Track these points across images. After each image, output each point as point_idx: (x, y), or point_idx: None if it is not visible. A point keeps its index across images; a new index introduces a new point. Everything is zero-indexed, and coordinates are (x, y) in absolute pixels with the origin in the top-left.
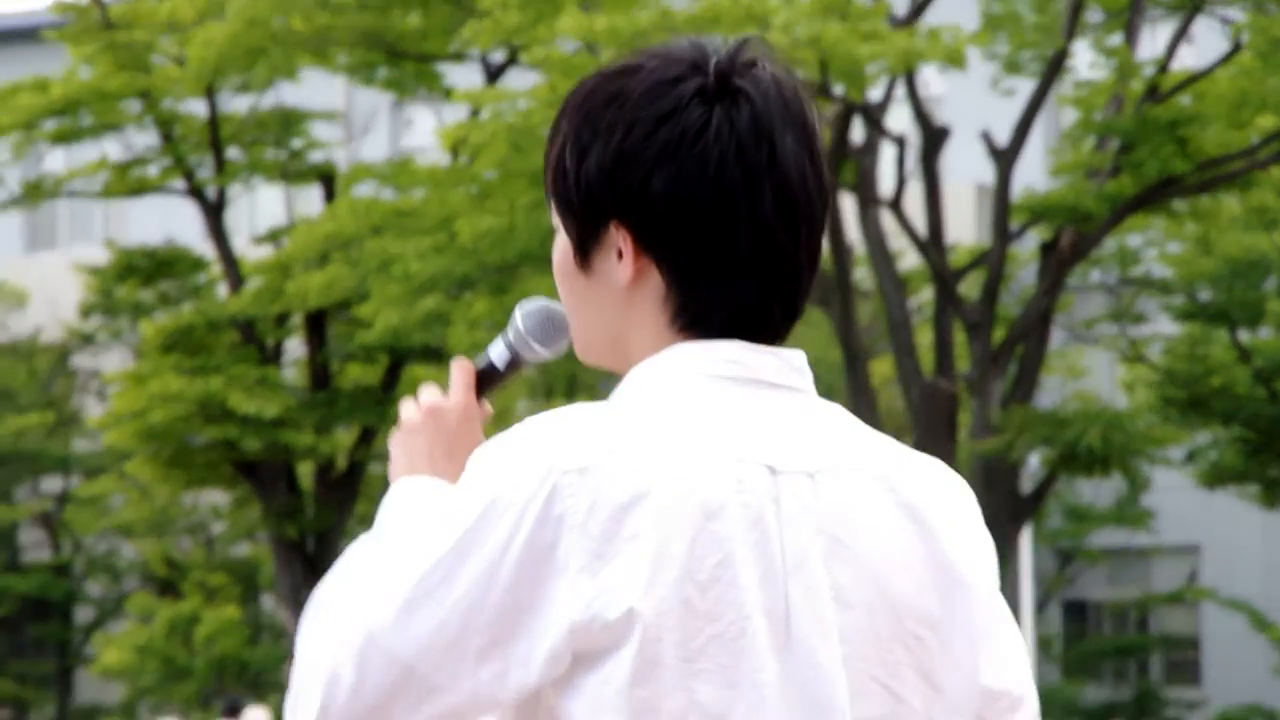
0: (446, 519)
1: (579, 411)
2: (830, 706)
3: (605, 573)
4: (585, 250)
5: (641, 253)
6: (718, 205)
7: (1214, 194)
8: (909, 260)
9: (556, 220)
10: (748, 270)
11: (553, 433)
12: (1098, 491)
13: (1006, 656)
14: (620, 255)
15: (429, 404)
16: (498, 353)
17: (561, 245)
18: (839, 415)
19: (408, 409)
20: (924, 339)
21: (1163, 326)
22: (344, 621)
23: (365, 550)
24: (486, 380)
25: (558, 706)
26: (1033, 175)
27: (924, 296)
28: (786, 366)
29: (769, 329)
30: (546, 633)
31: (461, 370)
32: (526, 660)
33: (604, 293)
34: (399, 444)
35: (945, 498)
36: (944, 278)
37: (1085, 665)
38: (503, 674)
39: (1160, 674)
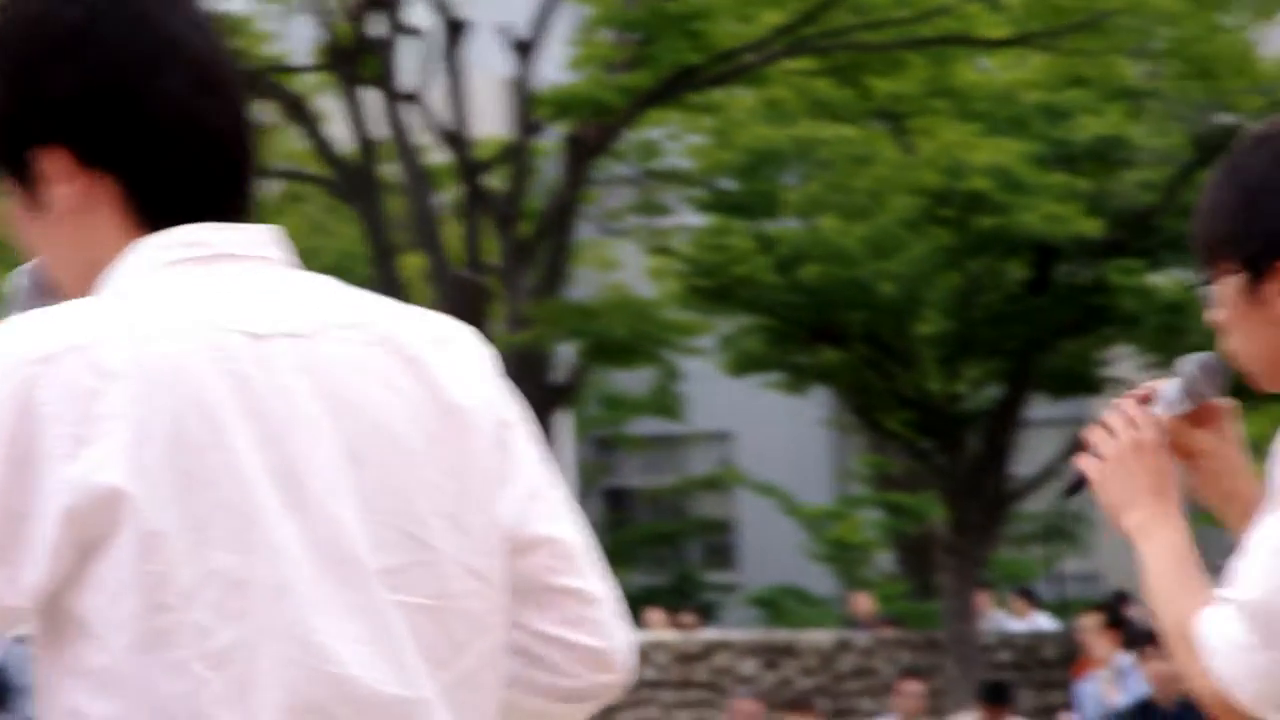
0: None
1: (47, 309)
2: (350, 558)
3: (86, 454)
4: (25, 185)
5: (82, 169)
6: (124, 93)
7: (729, 87)
8: (438, 155)
9: None
10: (176, 149)
11: (18, 330)
12: (634, 381)
13: (546, 508)
14: (61, 178)
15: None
16: None
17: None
18: (328, 282)
19: None
20: (455, 233)
21: (686, 218)
22: None
23: None
24: None
25: (77, 605)
26: (555, 69)
27: (456, 191)
28: (255, 239)
29: (222, 204)
30: (43, 526)
31: None
32: (33, 560)
33: (71, 226)
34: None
35: (450, 347)
36: (470, 171)
37: (626, 552)
38: (13, 580)
39: (698, 558)
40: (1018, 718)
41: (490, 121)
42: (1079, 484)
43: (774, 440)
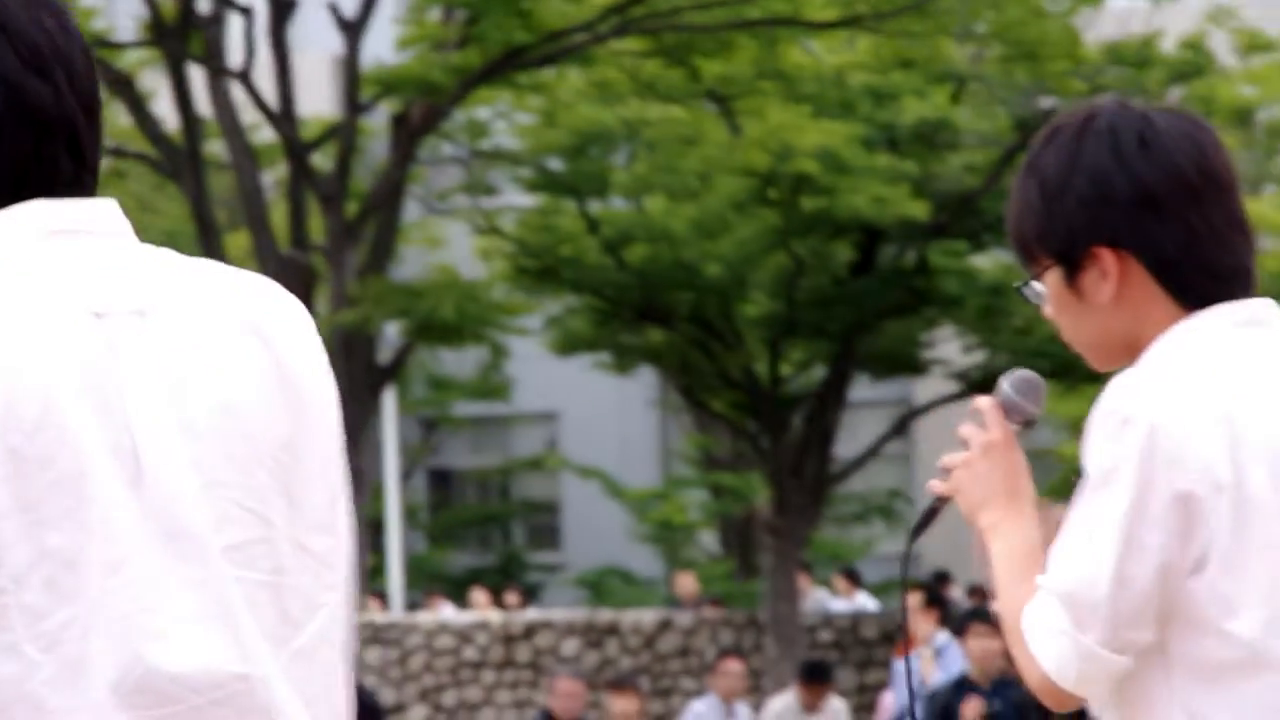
0: None
1: None
2: (190, 534)
3: None
4: None
5: None
6: None
7: (557, 67)
8: (266, 134)
9: None
10: (14, 125)
11: None
12: (460, 361)
13: (342, 510)
14: None
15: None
16: None
17: None
18: (167, 255)
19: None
20: (281, 212)
21: (514, 198)
22: None
23: None
24: None
25: None
26: (383, 48)
27: (282, 170)
28: (99, 214)
29: (64, 181)
30: None
31: None
32: None
33: None
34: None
35: (286, 319)
36: (296, 150)
37: (451, 533)
38: None
39: (523, 539)
40: (837, 696)
41: (318, 100)
42: (930, 516)
43: (600, 420)
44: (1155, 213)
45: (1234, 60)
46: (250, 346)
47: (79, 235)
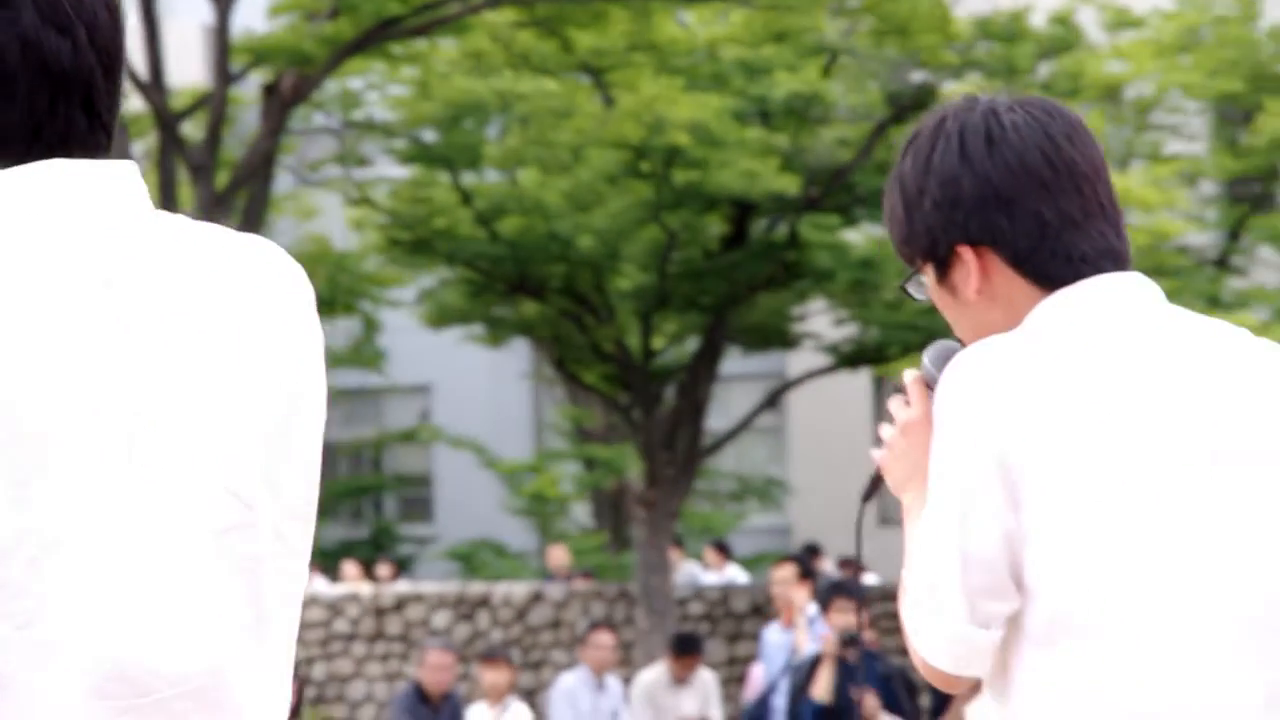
0: None
1: None
2: (176, 519)
3: None
4: None
5: None
6: None
7: (431, 38)
8: (136, 103)
9: None
10: (29, 83)
11: None
12: (332, 333)
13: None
14: None
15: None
16: None
17: None
18: (178, 221)
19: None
20: (151, 182)
21: (387, 169)
22: None
23: None
24: None
25: None
26: (254, 17)
27: (152, 140)
28: (113, 177)
29: (78, 139)
30: None
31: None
32: None
33: None
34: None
35: (291, 298)
36: (166, 120)
37: (324, 505)
38: None
39: (395, 511)
40: (707, 668)
41: (188, 69)
42: (875, 486)
43: (474, 393)
44: (1004, 208)
45: (1102, 36)
46: (254, 327)
47: (92, 198)
